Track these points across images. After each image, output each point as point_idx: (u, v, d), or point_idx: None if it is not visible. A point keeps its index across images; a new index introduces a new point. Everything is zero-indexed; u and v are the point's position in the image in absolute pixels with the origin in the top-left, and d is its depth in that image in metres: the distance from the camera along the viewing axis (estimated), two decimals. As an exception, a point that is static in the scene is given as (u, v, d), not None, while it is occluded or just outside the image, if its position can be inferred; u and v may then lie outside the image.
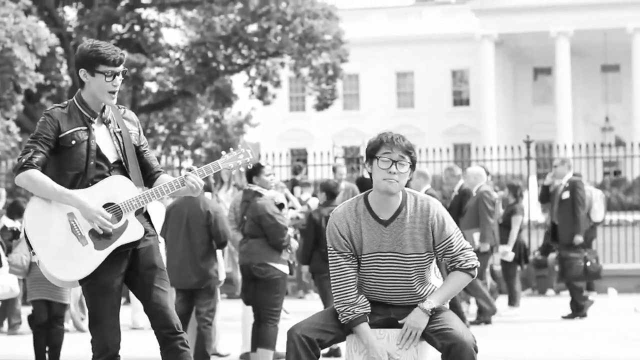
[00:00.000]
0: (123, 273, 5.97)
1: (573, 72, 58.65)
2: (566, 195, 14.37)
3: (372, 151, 5.52)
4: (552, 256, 18.62)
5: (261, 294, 9.78)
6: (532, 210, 22.39)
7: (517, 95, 63.43)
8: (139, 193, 5.93)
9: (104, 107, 6.02)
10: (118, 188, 5.92)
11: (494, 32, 57.56)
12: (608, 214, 23.85)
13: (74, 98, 6.04)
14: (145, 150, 6.17)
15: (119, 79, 5.91)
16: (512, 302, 15.49)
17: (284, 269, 9.90)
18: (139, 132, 6.17)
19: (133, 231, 5.88)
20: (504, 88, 61.01)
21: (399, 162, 5.46)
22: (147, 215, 6.09)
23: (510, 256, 15.25)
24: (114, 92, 5.92)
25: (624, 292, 18.36)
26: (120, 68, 5.92)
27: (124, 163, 5.98)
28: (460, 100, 64.41)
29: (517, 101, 63.32)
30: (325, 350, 10.88)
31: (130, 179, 5.96)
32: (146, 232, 5.99)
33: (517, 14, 56.72)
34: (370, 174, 5.56)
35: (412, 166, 5.53)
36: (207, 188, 10.57)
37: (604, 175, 47.93)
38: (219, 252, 10.41)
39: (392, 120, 63.40)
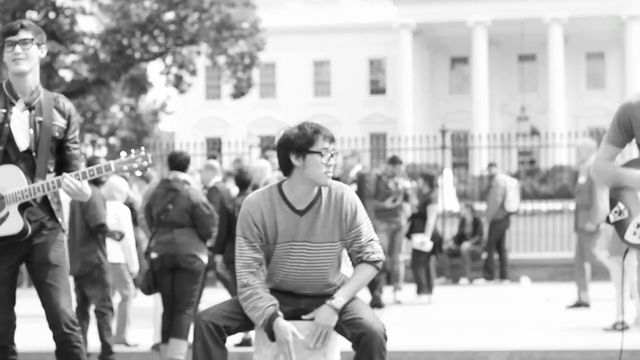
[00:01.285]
0: (14, 266, 5.92)
1: (490, 62, 59.21)
2: (354, 188, 14.21)
3: (308, 144, 5.36)
4: (466, 245, 18.75)
5: (183, 284, 9.66)
6: (447, 199, 22.50)
7: (434, 85, 63.88)
8: (27, 187, 5.81)
9: (33, 92, 5.96)
10: (8, 179, 5.81)
11: (411, 21, 57.83)
12: (523, 203, 24.13)
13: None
14: (69, 146, 6.06)
15: (19, 47, 5.86)
16: (420, 290, 15.46)
17: (206, 259, 9.88)
18: (68, 125, 6.05)
19: (10, 225, 5.79)
20: (421, 77, 61.38)
21: (334, 154, 5.43)
22: (49, 209, 5.97)
23: (428, 246, 15.26)
24: (17, 60, 5.85)
25: (537, 281, 18.52)
26: (21, 36, 5.89)
27: (34, 153, 5.87)
28: (377, 89, 64.65)
29: (434, 90, 63.76)
30: (238, 340, 10.81)
31: (35, 170, 5.84)
32: (43, 226, 5.90)
33: (435, 4, 57.03)
34: (294, 166, 5.41)
35: None
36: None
37: (519, 165, 48.48)
38: (127, 242, 10.24)
39: (309, 109, 63.50)
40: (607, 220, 5.45)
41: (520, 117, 52.65)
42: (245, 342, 10.71)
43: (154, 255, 9.80)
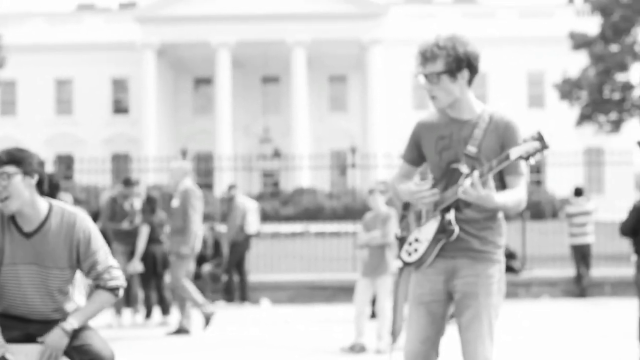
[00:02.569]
0: None
1: (233, 83, 59.59)
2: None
3: None
4: (207, 267, 18.54)
5: None
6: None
7: (177, 105, 63.70)
8: None
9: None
10: None
11: (155, 41, 57.47)
12: (265, 225, 24.15)
13: None
14: None
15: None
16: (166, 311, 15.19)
17: None
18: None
19: None
20: (165, 97, 61.08)
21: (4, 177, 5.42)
22: None
23: (139, 268, 14.85)
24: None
25: (277, 303, 18.54)
26: None
27: None
28: (120, 108, 63.82)
29: (177, 111, 63.59)
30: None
31: None
32: None
33: (179, 24, 56.95)
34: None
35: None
36: None
37: (263, 186, 48.88)
38: None
39: (51, 128, 62.15)
40: (396, 236, 5.50)
41: (263, 138, 53.14)
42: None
43: None
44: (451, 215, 5.15)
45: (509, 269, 18.58)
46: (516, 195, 5.10)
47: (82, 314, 5.44)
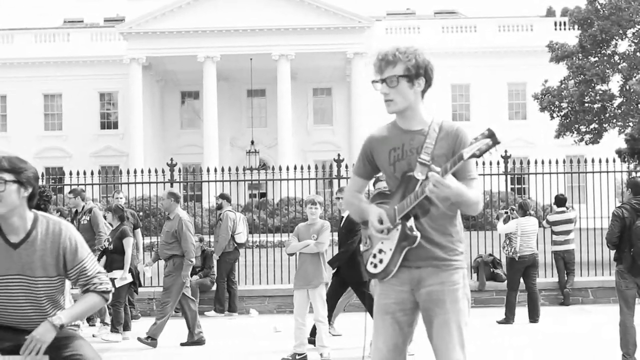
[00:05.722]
0: None
1: (220, 97, 59.80)
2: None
3: None
4: (195, 278, 18.75)
5: None
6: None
7: (165, 119, 63.86)
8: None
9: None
10: None
11: (142, 55, 57.63)
12: (252, 235, 24.41)
13: None
14: None
15: None
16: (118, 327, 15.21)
17: None
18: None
19: None
20: (152, 111, 61.24)
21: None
22: None
23: (129, 279, 15.10)
24: None
25: (265, 313, 18.73)
26: None
27: None
28: (108, 123, 63.94)
29: (165, 124, 63.75)
30: None
31: None
32: None
33: (165, 38, 57.12)
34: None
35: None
36: None
37: (250, 198, 49.06)
38: None
39: (40, 143, 62.19)
40: (360, 252, 5.68)
41: (250, 150, 53.33)
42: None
43: None
44: (412, 222, 5.26)
45: (494, 277, 18.89)
46: (477, 192, 5.22)
47: (71, 312, 5.43)
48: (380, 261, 5.38)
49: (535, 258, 16.90)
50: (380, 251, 5.38)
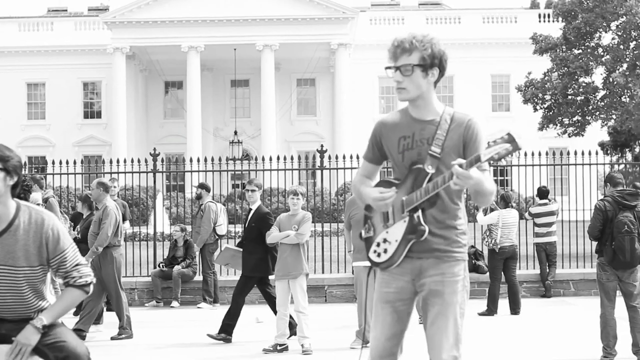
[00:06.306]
0: None
1: (204, 87, 59.71)
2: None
3: None
4: (177, 268, 18.73)
5: None
6: (159, 222, 22.41)
7: (148, 109, 63.76)
8: None
9: None
10: None
11: (126, 45, 57.47)
12: (235, 226, 24.38)
13: None
14: None
15: None
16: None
17: None
18: None
19: None
20: (136, 101, 61.13)
21: None
22: None
23: None
24: None
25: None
26: None
27: None
28: (91, 112, 63.80)
29: (148, 114, 63.64)
30: None
31: None
32: None
33: (149, 28, 56.96)
34: None
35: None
36: None
37: (233, 188, 48.99)
38: None
39: (23, 132, 62.05)
40: (360, 236, 5.59)
41: (233, 141, 53.27)
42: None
43: None
44: (420, 215, 5.21)
45: (476, 269, 18.93)
46: (492, 183, 5.18)
47: (52, 311, 5.45)
48: (385, 251, 5.36)
49: (514, 250, 16.98)
50: (385, 241, 5.36)
